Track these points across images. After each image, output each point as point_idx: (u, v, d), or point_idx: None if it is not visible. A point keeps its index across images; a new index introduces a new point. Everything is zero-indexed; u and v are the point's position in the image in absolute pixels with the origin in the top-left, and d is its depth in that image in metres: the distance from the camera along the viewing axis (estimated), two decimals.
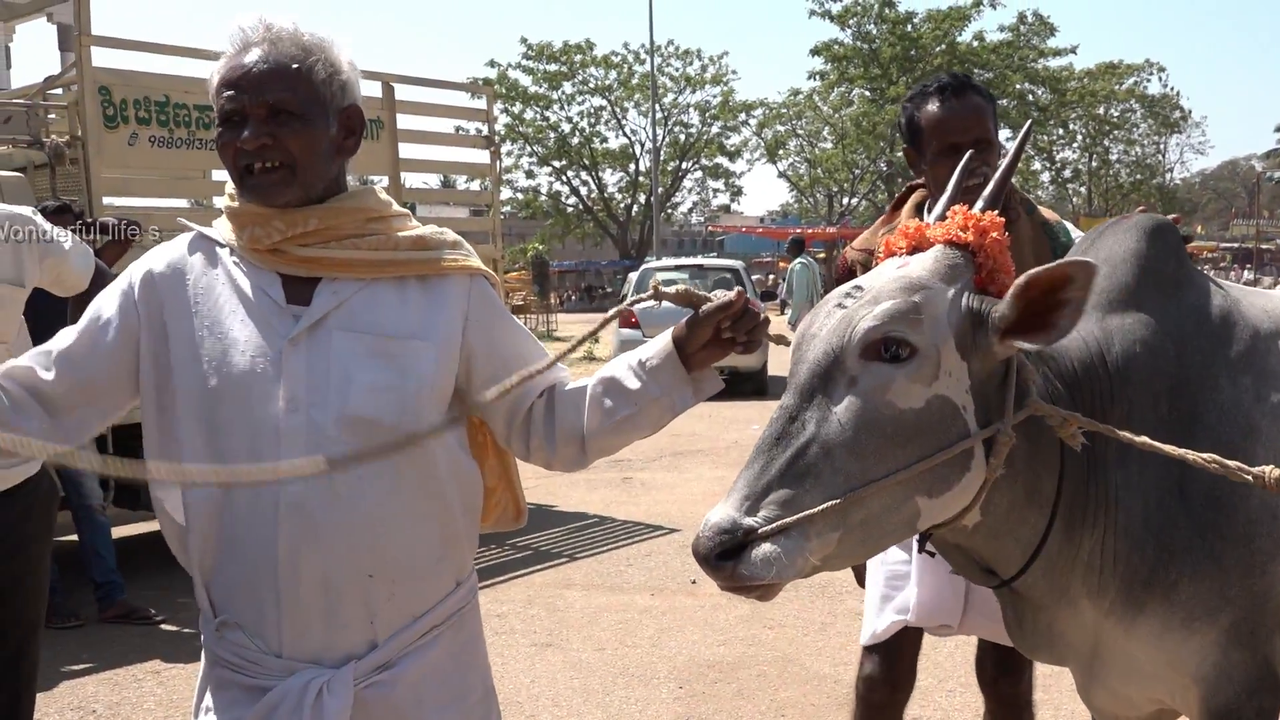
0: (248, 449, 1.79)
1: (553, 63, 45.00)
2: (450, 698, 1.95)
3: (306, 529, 1.79)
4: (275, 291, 1.86)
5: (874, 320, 1.80)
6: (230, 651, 1.86)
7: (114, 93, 6.45)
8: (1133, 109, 51.51)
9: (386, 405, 1.82)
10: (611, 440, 1.97)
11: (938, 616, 2.83)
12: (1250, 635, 2.10)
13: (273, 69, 1.82)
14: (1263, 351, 2.21)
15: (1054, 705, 4.55)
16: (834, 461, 1.76)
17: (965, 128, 2.72)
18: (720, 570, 1.72)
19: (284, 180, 1.83)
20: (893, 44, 41.97)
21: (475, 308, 1.95)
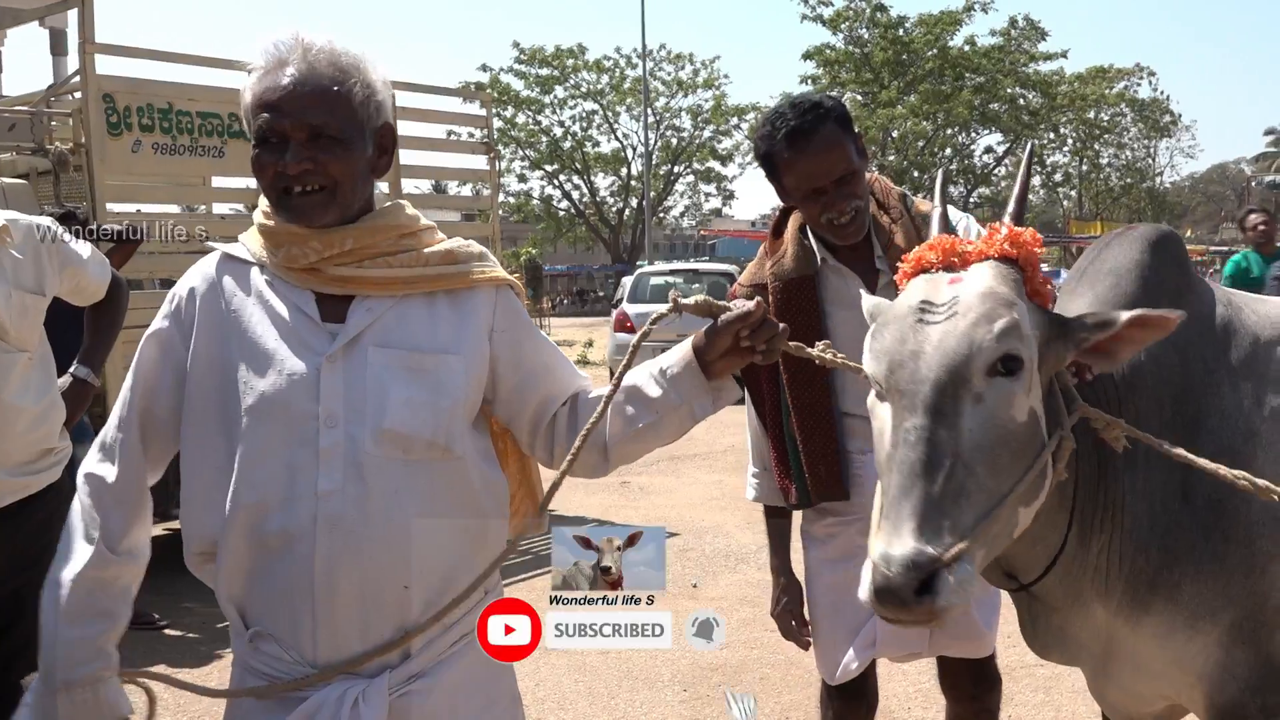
0: (285, 465, 1.81)
1: (545, 67, 45.06)
2: (481, 704, 1.97)
3: (345, 542, 1.80)
4: (310, 309, 1.89)
5: (995, 338, 1.82)
6: (264, 663, 1.87)
7: (118, 100, 6.49)
8: (1123, 113, 51.65)
9: (422, 420, 1.85)
10: (633, 447, 1.99)
11: (906, 645, 2.83)
12: (1253, 634, 2.16)
13: (313, 91, 1.83)
14: (1263, 358, 2.28)
15: (1055, 706, 4.61)
16: (978, 480, 1.77)
17: (826, 171, 2.63)
18: (918, 606, 1.68)
19: (324, 203, 1.85)
20: (884, 48, 42.07)
21: (501, 318, 1.98)
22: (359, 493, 1.81)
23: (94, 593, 1.90)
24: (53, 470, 3.08)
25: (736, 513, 8.03)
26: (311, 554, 1.80)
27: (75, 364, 3.46)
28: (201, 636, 5.73)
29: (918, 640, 2.79)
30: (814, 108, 2.63)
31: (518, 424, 2.04)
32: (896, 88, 41.86)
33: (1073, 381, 2.05)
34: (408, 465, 1.85)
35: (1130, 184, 54.08)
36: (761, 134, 2.68)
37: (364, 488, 1.81)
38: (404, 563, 1.84)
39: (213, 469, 1.86)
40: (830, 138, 2.62)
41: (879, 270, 2.75)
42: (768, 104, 45.46)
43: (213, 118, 6.93)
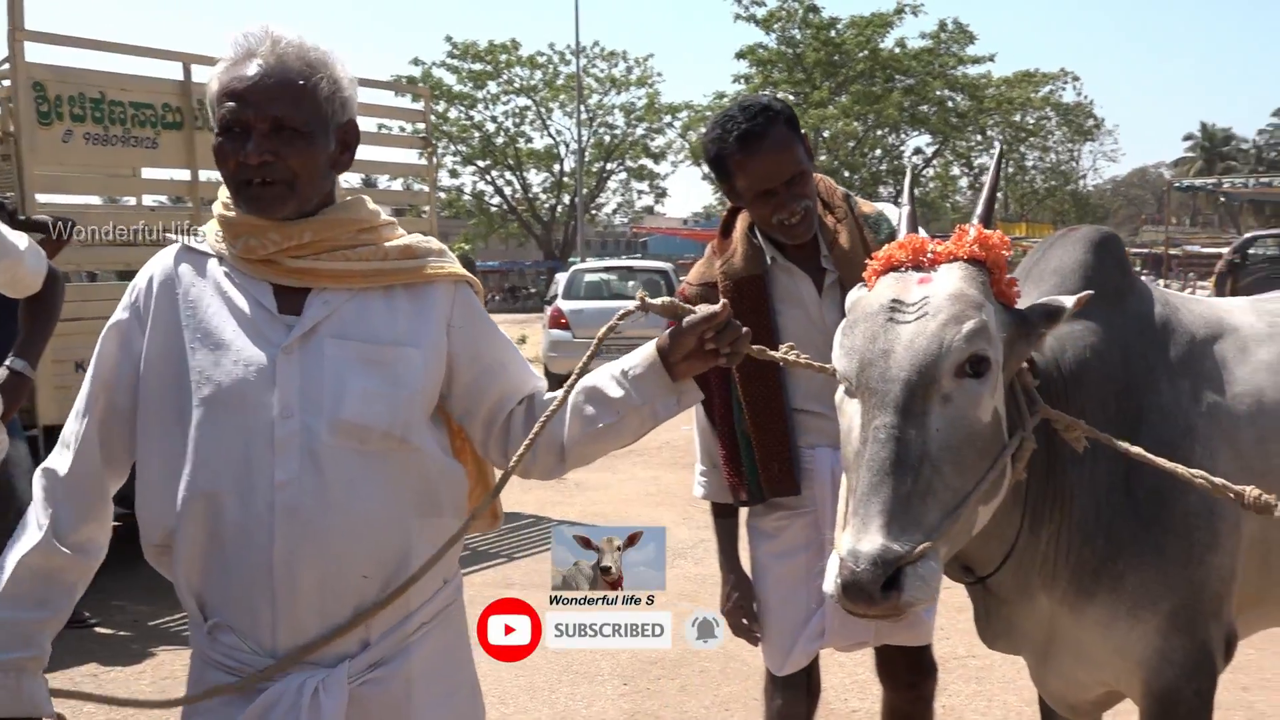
0: (242, 455, 1.82)
1: (478, 62, 44.76)
2: (441, 692, 1.98)
3: (303, 532, 1.81)
4: (268, 300, 1.89)
5: (964, 340, 1.86)
6: (222, 654, 1.87)
7: (48, 89, 6.34)
8: (1048, 116, 52.54)
9: (378, 411, 1.86)
10: (591, 448, 2.00)
11: (854, 636, 2.88)
12: (1189, 622, 2.24)
13: (279, 83, 1.83)
14: (1199, 356, 2.36)
15: (987, 697, 4.71)
16: (944, 479, 1.82)
17: (777, 172, 2.66)
18: (884, 601, 1.72)
19: (282, 195, 1.86)
20: (816, 49, 42.42)
21: (459, 314, 1.99)
22: (316, 483, 1.82)
23: (35, 580, 1.90)
24: None
25: (673, 508, 8.08)
26: (269, 544, 1.81)
27: (11, 357, 3.41)
28: (133, 634, 5.64)
29: (865, 630, 2.84)
30: (764, 110, 2.67)
31: (471, 421, 2.04)
32: (828, 88, 42.22)
33: (1035, 383, 2.11)
34: (364, 456, 1.85)
35: (1055, 186, 55.05)
36: (711, 136, 2.71)
37: (320, 478, 1.82)
38: (362, 552, 1.85)
39: (168, 460, 1.86)
40: (781, 140, 2.66)
41: (825, 269, 2.79)
42: (701, 102, 45.71)
43: (146, 108, 6.81)
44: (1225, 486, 1.90)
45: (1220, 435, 2.28)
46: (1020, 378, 2.07)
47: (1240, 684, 4.75)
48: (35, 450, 6.08)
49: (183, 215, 7.43)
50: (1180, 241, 51.02)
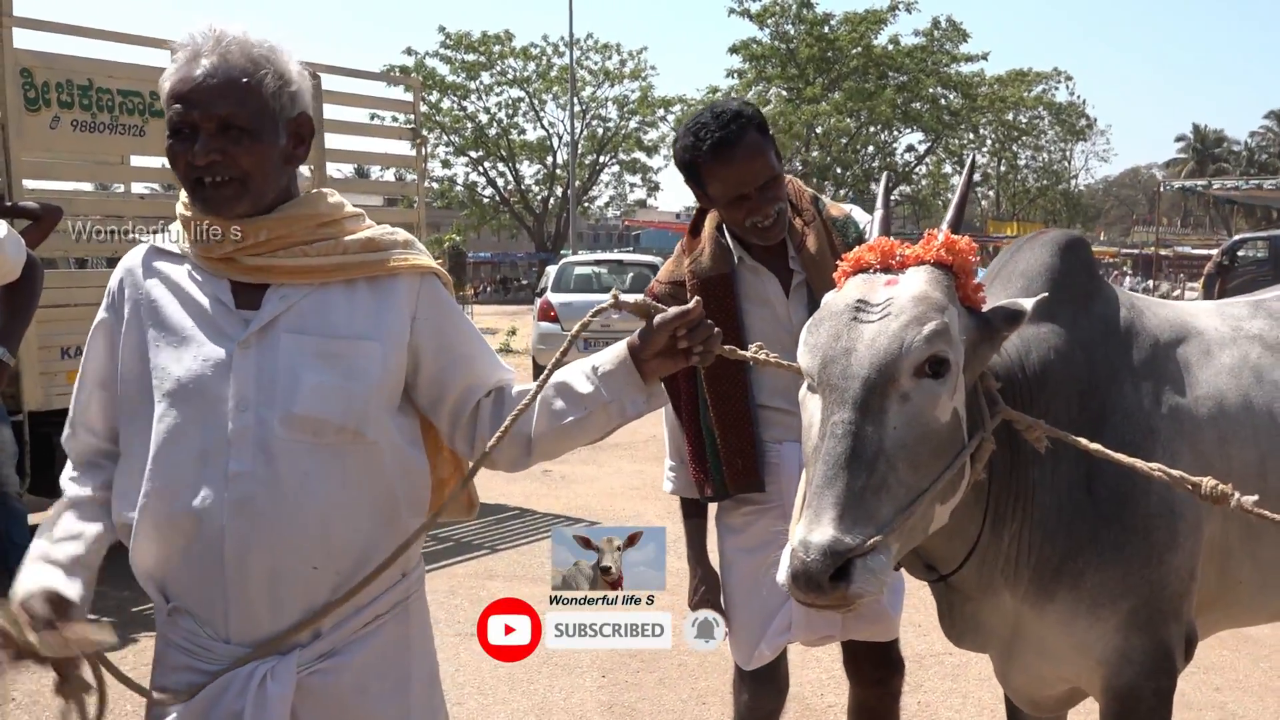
0: (199, 448, 1.85)
1: (471, 53, 44.68)
2: (393, 685, 2.00)
3: (254, 524, 1.84)
4: (226, 297, 1.91)
5: (924, 340, 1.90)
6: (181, 636, 1.92)
7: (36, 75, 6.33)
8: (1040, 116, 52.63)
9: (333, 405, 1.88)
10: (557, 443, 2.01)
11: (820, 630, 2.90)
12: (1148, 621, 2.28)
13: (222, 83, 1.84)
14: (1162, 359, 2.39)
15: (962, 694, 4.74)
16: (899, 475, 1.86)
17: (751, 178, 2.69)
18: (832, 592, 1.76)
19: (235, 194, 1.87)
20: (810, 45, 42.42)
21: (424, 306, 2.00)
22: (268, 475, 1.85)
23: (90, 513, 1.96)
24: None
25: (657, 502, 8.10)
26: (221, 534, 1.84)
27: None
28: (115, 620, 5.64)
29: (831, 625, 2.86)
30: (735, 117, 2.69)
31: (438, 412, 2.05)
32: (821, 84, 42.24)
33: (996, 386, 2.14)
34: (317, 449, 1.88)
35: (1046, 185, 55.15)
36: (684, 144, 2.73)
37: (273, 470, 1.85)
38: (313, 544, 1.87)
39: (135, 451, 1.91)
40: (753, 146, 2.69)
41: (793, 270, 2.83)
42: (694, 97, 45.67)
43: (134, 96, 6.79)
44: (1183, 478, 1.94)
45: (1182, 436, 2.32)
46: (982, 380, 2.10)
47: (1213, 685, 4.80)
48: (20, 435, 6.09)
49: (170, 203, 7.43)
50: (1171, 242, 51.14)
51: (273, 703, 1.84)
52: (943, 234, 2.10)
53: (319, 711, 1.91)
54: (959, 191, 2.27)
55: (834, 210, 2.90)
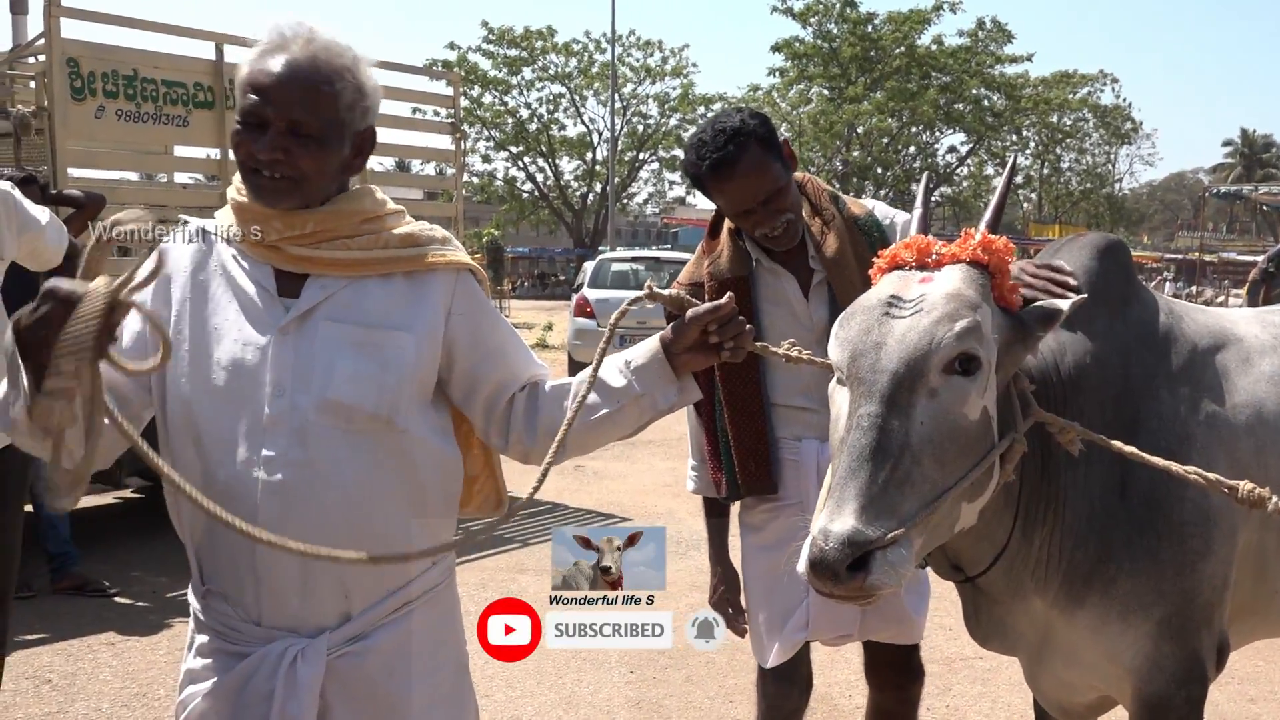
0: (234, 430, 1.88)
1: (513, 48, 44.87)
2: (422, 671, 2.01)
3: (286, 507, 1.86)
4: (269, 283, 1.94)
5: (955, 337, 1.89)
6: (214, 618, 1.95)
7: (82, 65, 6.42)
8: (1085, 118, 52.13)
9: (365, 393, 1.90)
10: (590, 436, 2.02)
11: (838, 628, 2.89)
12: (1180, 629, 2.25)
13: (303, 87, 1.87)
14: (1200, 365, 2.36)
15: (992, 698, 4.71)
16: (924, 470, 1.85)
17: (752, 195, 2.68)
18: (850, 581, 1.76)
19: (288, 190, 1.90)
20: (853, 44, 42.23)
21: (459, 301, 2.02)
22: (302, 459, 1.87)
23: None
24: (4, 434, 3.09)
25: (689, 500, 8.04)
26: (254, 516, 1.83)
27: None
28: (151, 605, 5.72)
29: (849, 622, 2.85)
30: (735, 135, 2.66)
31: (471, 406, 2.07)
32: (863, 84, 42.05)
33: (1030, 388, 2.12)
34: (350, 435, 1.90)
35: (1090, 189, 54.64)
36: (687, 160, 2.73)
37: (306, 455, 1.88)
38: (342, 530, 1.88)
39: (179, 436, 1.93)
40: (753, 163, 2.66)
41: (812, 270, 2.82)
42: (735, 95, 45.64)
43: (178, 86, 6.88)
44: (1220, 481, 1.92)
45: (1218, 444, 2.29)
46: (1016, 382, 2.08)
47: (1247, 695, 4.75)
48: None
49: (213, 194, 7.51)
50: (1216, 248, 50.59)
51: (303, 684, 1.88)
52: (980, 234, 2.09)
53: (347, 694, 1.93)
54: (998, 192, 2.26)
55: (855, 208, 2.87)
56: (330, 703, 1.92)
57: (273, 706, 1.86)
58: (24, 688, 4.70)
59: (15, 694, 4.53)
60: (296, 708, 1.87)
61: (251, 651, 1.90)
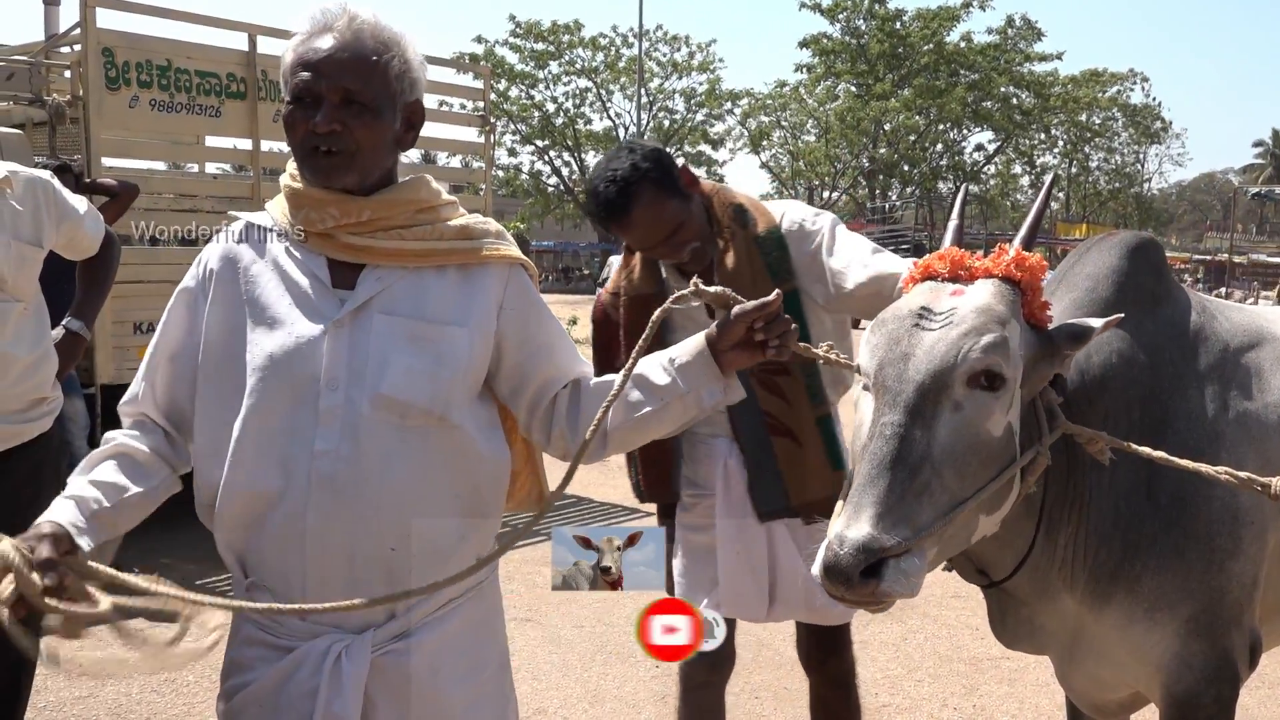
0: (287, 424, 1.87)
1: (540, 42, 44.84)
2: (466, 669, 2.01)
3: (336, 501, 1.86)
4: (322, 274, 1.94)
5: (981, 352, 1.90)
6: (259, 612, 1.92)
7: (117, 55, 6.48)
8: (1114, 117, 51.79)
9: (419, 388, 1.89)
10: (634, 434, 2.03)
11: (744, 612, 2.98)
12: (1209, 627, 2.25)
13: (352, 58, 1.89)
14: (1231, 364, 2.36)
15: (1019, 699, 4.70)
16: (943, 481, 1.86)
17: (654, 235, 2.71)
18: (862, 587, 1.78)
19: (345, 165, 1.90)
20: (881, 40, 42.11)
21: (511, 296, 2.02)
22: (353, 454, 1.86)
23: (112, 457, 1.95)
24: (44, 420, 3.12)
25: None
26: (304, 510, 1.85)
27: (68, 317, 3.49)
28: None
29: (754, 608, 2.95)
30: (626, 182, 2.66)
31: (517, 401, 2.06)
32: (891, 81, 41.92)
33: (1059, 400, 2.11)
34: (403, 431, 1.89)
35: (1118, 189, 54.30)
36: (585, 206, 2.75)
37: (358, 449, 1.86)
38: (392, 524, 1.89)
39: (221, 426, 1.92)
40: (648, 207, 2.68)
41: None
42: (762, 90, 45.54)
43: (210, 77, 6.92)
44: (1251, 479, 1.92)
45: (1249, 443, 2.28)
46: (1043, 395, 2.09)
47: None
48: (92, 408, 6.23)
49: (244, 185, 7.55)
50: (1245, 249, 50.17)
51: (348, 681, 1.86)
52: (1013, 249, 2.09)
53: (390, 691, 1.92)
54: (1034, 209, 2.28)
55: (760, 223, 2.85)
56: (374, 700, 1.90)
57: (317, 703, 1.86)
58: (55, 671, 4.74)
59: (47, 677, 4.57)
60: (342, 706, 1.86)
61: (296, 645, 1.89)
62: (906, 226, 41.70)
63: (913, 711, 4.57)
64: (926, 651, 5.25)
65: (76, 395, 5.90)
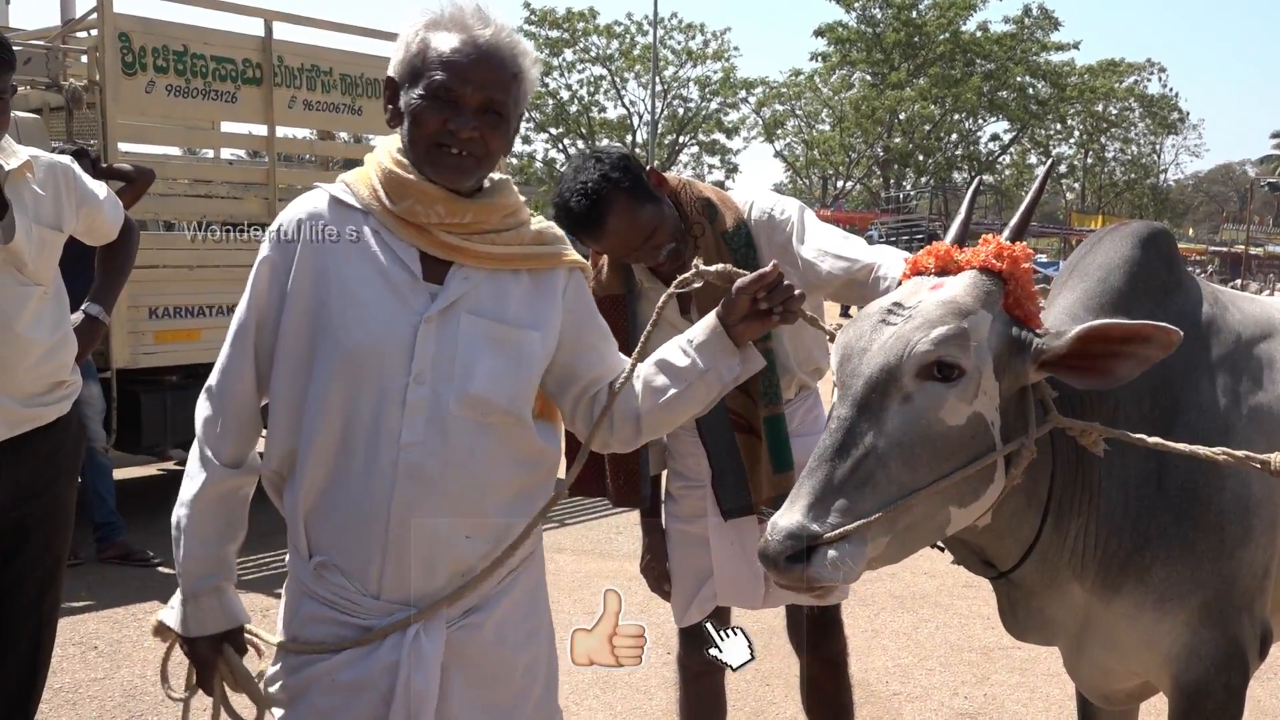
0: (373, 411, 1.93)
1: (555, 29, 44.85)
2: (526, 635, 2.11)
3: (421, 491, 1.93)
4: (415, 267, 1.98)
5: (931, 344, 1.91)
6: (328, 590, 2.00)
7: (133, 40, 6.49)
8: (1131, 108, 51.57)
9: (502, 389, 1.97)
10: (664, 417, 2.11)
11: (740, 600, 3.04)
12: (1219, 616, 2.26)
13: (499, 69, 1.94)
14: (1244, 356, 2.36)
15: (1030, 688, 4.71)
16: (888, 472, 1.89)
17: (628, 243, 2.69)
18: (789, 572, 1.83)
19: (474, 169, 1.96)
20: (897, 29, 41.99)
21: (570, 299, 2.10)
22: (439, 447, 1.94)
23: (216, 510, 2.06)
24: (62, 404, 3.14)
25: None
26: (389, 497, 1.93)
27: (87, 301, 3.51)
28: None
29: (750, 597, 3.00)
30: (595, 193, 2.61)
31: (562, 396, 2.14)
32: (906, 70, 41.78)
33: (1054, 394, 2.12)
34: (484, 427, 1.97)
35: (1134, 179, 54.11)
36: (556, 217, 2.63)
37: (444, 443, 1.94)
38: (471, 514, 1.98)
39: (298, 398, 1.97)
40: (620, 217, 2.64)
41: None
42: (777, 79, 45.41)
43: (227, 63, 6.93)
44: (1249, 457, 1.94)
45: (1260, 434, 2.28)
46: (1037, 388, 2.08)
47: None
48: (107, 392, 6.27)
49: (259, 170, 7.56)
50: (1262, 241, 49.90)
51: (427, 658, 1.95)
52: (994, 241, 2.10)
53: (463, 663, 2.01)
54: (1028, 198, 2.27)
55: (728, 217, 2.82)
56: (448, 671, 1.99)
57: (399, 679, 1.94)
58: (71, 653, 4.79)
59: (62, 659, 4.62)
60: (423, 680, 1.94)
61: (370, 623, 1.97)
62: (921, 216, 41.58)
63: (923, 700, 4.59)
64: (938, 641, 5.26)
65: (92, 379, 5.94)
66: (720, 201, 2.85)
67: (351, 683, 1.96)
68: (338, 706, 1.98)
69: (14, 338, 2.95)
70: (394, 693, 1.93)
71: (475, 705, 2.03)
